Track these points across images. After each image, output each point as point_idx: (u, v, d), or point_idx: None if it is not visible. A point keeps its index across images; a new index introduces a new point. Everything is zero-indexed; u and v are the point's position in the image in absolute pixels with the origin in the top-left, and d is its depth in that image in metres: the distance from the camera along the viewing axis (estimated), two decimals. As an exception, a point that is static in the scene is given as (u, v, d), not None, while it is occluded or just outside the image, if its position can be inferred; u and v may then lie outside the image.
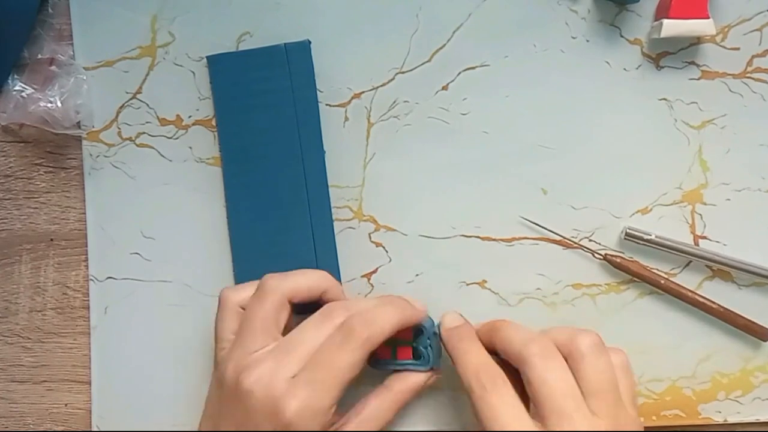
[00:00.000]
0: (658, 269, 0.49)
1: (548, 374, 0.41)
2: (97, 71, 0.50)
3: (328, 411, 0.41)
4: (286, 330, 0.44)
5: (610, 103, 0.49)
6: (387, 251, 0.50)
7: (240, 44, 0.50)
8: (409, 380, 0.46)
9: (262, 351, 0.42)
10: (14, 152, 0.52)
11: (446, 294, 0.49)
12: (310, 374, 0.41)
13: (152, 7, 0.50)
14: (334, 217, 0.49)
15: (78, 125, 0.50)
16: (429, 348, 0.46)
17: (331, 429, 0.43)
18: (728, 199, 0.49)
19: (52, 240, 0.52)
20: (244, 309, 0.45)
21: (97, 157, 0.51)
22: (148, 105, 0.50)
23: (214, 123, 0.50)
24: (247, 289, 0.45)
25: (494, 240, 0.49)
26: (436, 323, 0.47)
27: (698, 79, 0.48)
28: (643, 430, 0.43)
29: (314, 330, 0.43)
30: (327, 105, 0.49)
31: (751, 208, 0.49)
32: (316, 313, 0.44)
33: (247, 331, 0.43)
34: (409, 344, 0.47)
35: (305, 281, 0.45)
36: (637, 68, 0.48)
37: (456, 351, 0.44)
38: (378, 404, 0.46)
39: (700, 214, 0.49)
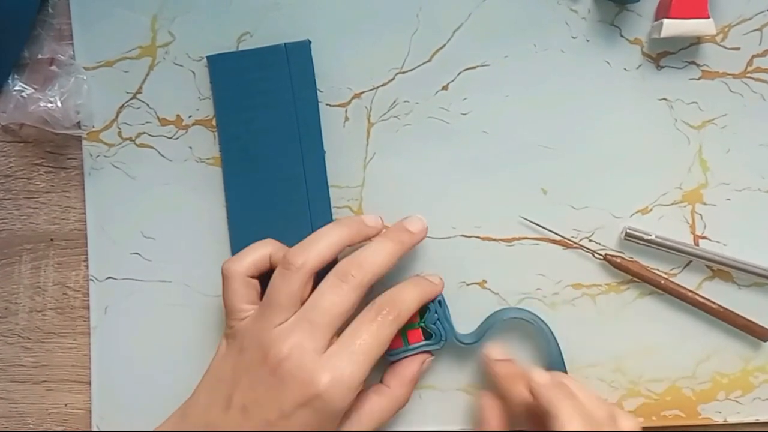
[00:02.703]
0: (658, 269, 0.49)
1: None
2: (97, 71, 0.50)
3: (358, 386, 0.42)
4: None
5: (610, 103, 0.49)
6: (387, 251, 0.50)
7: (240, 44, 0.50)
8: (403, 371, 0.47)
9: (288, 323, 0.43)
10: (14, 152, 0.52)
11: (446, 294, 0.48)
12: (344, 347, 0.42)
13: (152, 7, 0.50)
14: (334, 217, 0.49)
15: (78, 125, 0.50)
16: (438, 323, 0.47)
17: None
18: (728, 199, 0.49)
19: (52, 240, 0.52)
20: (252, 277, 0.45)
21: (97, 157, 0.51)
22: (148, 105, 0.50)
23: (214, 123, 0.50)
24: (249, 257, 0.46)
25: (494, 240, 0.49)
26: (442, 295, 0.48)
27: (698, 79, 0.48)
28: None
29: (333, 295, 0.43)
30: (327, 105, 0.49)
31: (751, 208, 0.49)
32: (331, 275, 0.44)
33: (273, 307, 0.43)
34: (417, 326, 0.47)
35: (328, 249, 0.45)
36: (637, 68, 0.48)
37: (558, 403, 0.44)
38: (378, 400, 0.46)
39: (700, 214, 0.49)
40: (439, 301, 0.47)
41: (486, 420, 0.47)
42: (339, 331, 0.43)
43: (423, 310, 0.47)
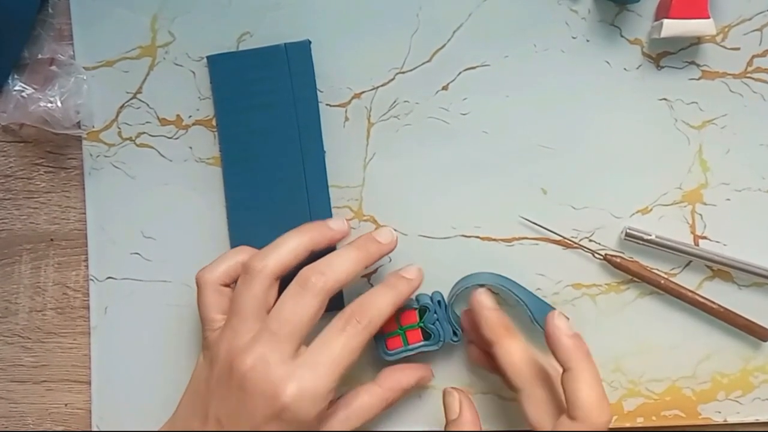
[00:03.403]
0: (658, 269, 0.49)
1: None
2: (97, 71, 0.50)
3: (326, 396, 0.41)
4: None
5: (610, 103, 0.49)
6: (387, 251, 0.50)
7: (240, 44, 0.50)
8: (399, 379, 0.47)
9: (252, 334, 0.42)
10: (14, 152, 0.52)
11: (446, 294, 0.48)
12: (310, 358, 0.41)
13: (152, 7, 0.50)
14: (334, 216, 0.49)
15: (78, 125, 0.50)
16: (437, 323, 0.47)
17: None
18: (728, 199, 0.49)
19: (52, 240, 0.52)
20: (225, 285, 0.45)
21: (97, 157, 0.51)
22: (148, 105, 0.50)
23: (214, 123, 0.50)
24: (221, 265, 0.45)
25: (494, 240, 0.49)
26: (442, 295, 0.48)
27: (698, 79, 0.48)
28: None
29: (294, 303, 0.42)
30: (327, 105, 0.49)
31: (751, 208, 0.49)
32: (293, 283, 0.43)
33: (237, 315, 0.43)
34: (417, 326, 0.47)
35: (289, 253, 0.44)
36: (637, 68, 0.48)
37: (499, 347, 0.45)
38: (367, 399, 0.46)
39: (700, 214, 0.49)
40: (439, 301, 0.47)
41: (473, 356, 0.48)
42: (309, 340, 0.42)
43: (422, 311, 0.47)
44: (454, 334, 0.47)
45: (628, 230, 0.48)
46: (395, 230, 0.48)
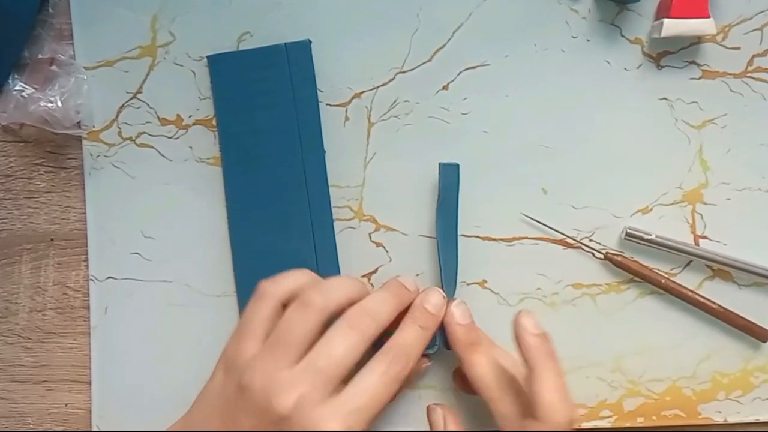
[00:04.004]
0: (658, 269, 0.49)
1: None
2: (97, 71, 0.50)
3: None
4: None
5: (610, 103, 0.49)
6: (387, 251, 0.50)
7: (240, 44, 0.50)
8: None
9: (295, 369, 0.40)
10: (14, 152, 0.52)
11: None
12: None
13: (152, 6, 0.50)
14: (334, 217, 0.49)
15: (78, 125, 0.50)
16: None
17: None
18: (728, 199, 0.49)
19: (52, 240, 0.52)
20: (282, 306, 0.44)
21: (98, 157, 0.51)
22: (148, 105, 0.50)
23: (214, 123, 0.50)
24: (287, 283, 0.44)
25: (494, 240, 0.49)
26: None
27: (699, 78, 0.48)
28: None
29: (345, 345, 0.41)
30: (327, 105, 0.49)
31: (752, 208, 0.49)
32: (344, 323, 0.42)
33: (283, 346, 0.41)
34: None
35: (351, 295, 0.43)
36: (637, 68, 0.48)
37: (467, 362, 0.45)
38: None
39: (701, 214, 0.49)
40: None
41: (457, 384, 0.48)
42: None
43: None
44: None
45: (628, 230, 0.48)
46: (395, 230, 0.48)
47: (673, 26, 0.46)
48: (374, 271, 0.50)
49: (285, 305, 0.43)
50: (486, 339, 0.47)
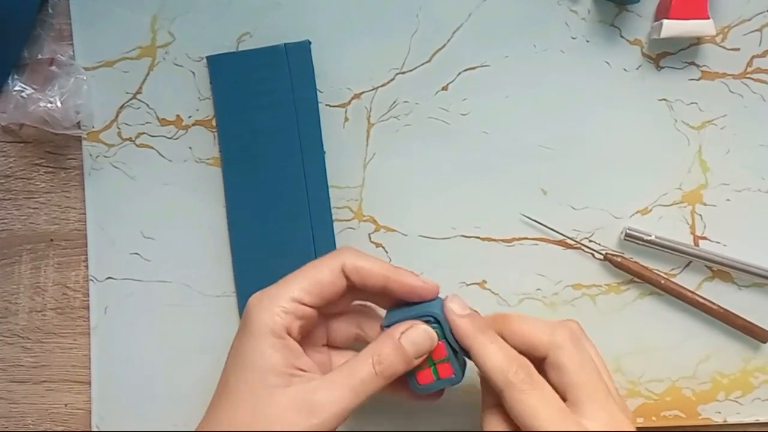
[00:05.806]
0: (658, 270, 0.49)
1: (585, 357, 0.41)
2: (97, 71, 0.50)
3: (280, 309, 0.40)
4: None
5: (610, 104, 0.49)
6: (387, 251, 0.50)
7: (240, 44, 0.50)
8: (392, 335, 0.43)
9: None
10: (14, 152, 0.52)
11: (446, 294, 0.48)
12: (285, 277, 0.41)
13: (152, 7, 0.50)
14: (334, 217, 0.49)
15: (78, 125, 0.50)
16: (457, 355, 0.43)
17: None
18: (728, 200, 0.49)
19: (52, 240, 0.52)
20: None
21: (97, 157, 0.51)
22: (148, 105, 0.50)
23: (214, 123, 0.50)
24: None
25: (494, 240, 0.49)
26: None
27: (698, 79, 0.48)
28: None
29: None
30: (327, 105, 0.49)
31: (751, 208, 0.49)
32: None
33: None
34: (447, 360, 0.43)
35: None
36: (637, 69, 0.48)
37: (476, 344, 0.41)
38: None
39: (700, 215, 0.49)
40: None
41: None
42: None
43: (450, 347, 0.43)
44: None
45: (628, 230, 0.48)
46: (395, 230, 0.48)
47: (672, 27, 0.46)
48: (374, 272, 0.50)
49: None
50: (490, 324, 0.43)
